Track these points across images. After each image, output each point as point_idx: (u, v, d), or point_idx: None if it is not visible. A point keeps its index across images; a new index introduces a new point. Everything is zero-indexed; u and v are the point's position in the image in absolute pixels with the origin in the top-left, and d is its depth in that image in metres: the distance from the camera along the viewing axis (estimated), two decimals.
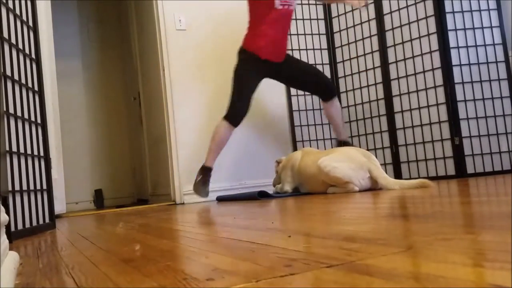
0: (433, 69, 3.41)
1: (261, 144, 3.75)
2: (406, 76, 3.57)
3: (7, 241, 0.90)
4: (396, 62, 3.63)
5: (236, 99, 3.04)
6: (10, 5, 1.76)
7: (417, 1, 3.50)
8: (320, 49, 4.05)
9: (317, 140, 3.97)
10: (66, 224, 2.32)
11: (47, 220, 1.94)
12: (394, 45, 3.64)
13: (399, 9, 3.61)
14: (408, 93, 3.56)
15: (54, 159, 2.81)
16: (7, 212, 1.47)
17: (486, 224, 0.89)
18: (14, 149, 1.65)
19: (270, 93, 3.86)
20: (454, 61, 3.32)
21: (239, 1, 3.81)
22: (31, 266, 0.94)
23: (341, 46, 4.01)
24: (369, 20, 3.80)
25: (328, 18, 4.08)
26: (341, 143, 3.33)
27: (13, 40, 1.74)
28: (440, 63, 3.36)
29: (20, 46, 1.83)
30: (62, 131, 3.35)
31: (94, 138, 5.14)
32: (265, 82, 3.85)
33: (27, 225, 1.71)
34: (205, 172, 3.08)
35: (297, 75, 3.26)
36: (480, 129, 3.28)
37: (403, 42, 3.59)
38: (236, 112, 3.02)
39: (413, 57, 3.52)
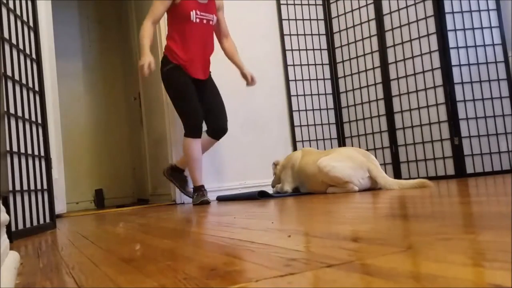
0: (432, 70, 3.41)
1: (261, 144, 3.75)
2: (406, 76, 3.57)
3: (7, 240, 0.91)
4: (396, 62, 3.64)
5: (186, 110, 2.93)
6: (11, 5, 1.76)
7: (416, 2, 3.50)
8: (320, 49, 4.05)
9: (317, 140, 3.97)
10: (67, 224, 2.32)
11: (47, 220, 1.95)
12: (394, 46, 3.65)
13: (398, 10, 3.61)
14: (408, 93, 3.57)
15: (54, 159, 2.81)
16: (8, 212, 1.48)
17: (486, 224, 0.89)
18: (15, 149, 1.65)
19: (270, 93, 3.87)
20: (454, 61, 3.33)
21: (239, 1, 3.82)
22: (32, 266, 0.94)
23: (341, 46, 4.01)
24: (368, 21, 3.81)
25: (328, 19, 4.08)
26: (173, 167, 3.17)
27: (13, 41, 1.75)
28: (440, 63, 3.36)
29: (21, 46, 1.83)
30: (63, 131, 3.35)
31: (94, 138, 5.14)
32: (265, 82, 3.86)
33: (28, 225, 1.71)
34: (199, 190, 2.97)
35: (212, 100, 3.10)
36: (479, 129, 3.28)
37: (402, 43, 3.59)
38: (192, 123, 2.92)
39: (412, 57, 3.53)
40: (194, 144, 2.92)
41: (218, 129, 3.08)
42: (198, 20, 2.95)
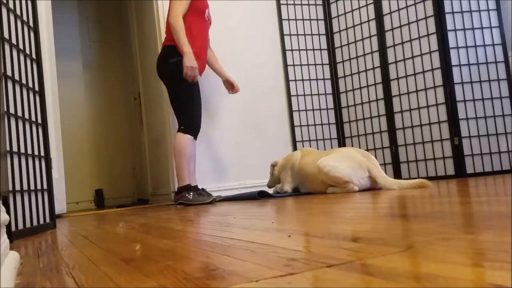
0: (432, 70, 3.41)
1: (261, 144, 3.75)
2: (406, 76, 3.58)
3: (7, 240, 0.91)
4: (396, 62, 3.64)
5: (193, 107, 2.90)
6: (11, 5, 1.76)
7: (416, 2, 3.50)
8: (320, 49, 4.05)
9: (317, 140, 3.97)
10: (67, 224, 2.32)
11: (47, 220, 1.95)
12: (394, 46, 3.65)
13: (398, 10, 3.61)
14: (408, 93, 3.57)
15: (54, 159, 2.81)
16: (8, 212, 1.47)
17: (486, 224, 0.89)
18: (15, 149, 1.65)
19: (270, 93, 3.86)
20: (454, 61, 3.33)
21: (239, 1, 3.82)
22: (32, 266, 0.94)
23: (341, 46, 4.01)
24: (368, 21, 3.81)
25: (328, 19, 4.08)
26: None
27: (13, 41, 1.74)
28: (440, 63, 3.36)
29: (21, 46, 1.83)
30: (63, 131, 3.35)
31: (94, 138, 5.14)
32: (265, 82, 3.86)
33: (28, 225, 1.71)
34: (195, 189, 2.90)
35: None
36: (479, 129, 3.28)
37: (402, 43, 3.59)
38: (196, 122, 2.92)
39: (412, 57, 3.53)
40: (192, 143, 2.91)
41: (199, 128, 3.04)
42: (207, 19, 3.08)
